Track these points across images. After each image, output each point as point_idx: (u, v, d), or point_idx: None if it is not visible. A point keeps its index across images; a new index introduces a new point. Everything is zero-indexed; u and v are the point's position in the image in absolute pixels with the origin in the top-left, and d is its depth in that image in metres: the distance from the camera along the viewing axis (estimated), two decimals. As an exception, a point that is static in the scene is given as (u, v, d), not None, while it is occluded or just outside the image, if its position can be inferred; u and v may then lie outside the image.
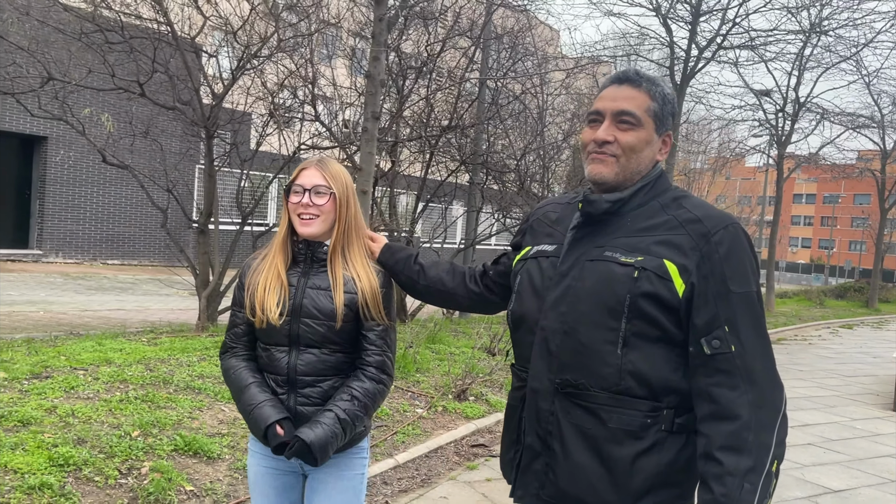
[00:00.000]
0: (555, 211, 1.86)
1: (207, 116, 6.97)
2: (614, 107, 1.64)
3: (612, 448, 1.57)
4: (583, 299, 1.61)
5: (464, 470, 4.88)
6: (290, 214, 2.07)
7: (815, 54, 16.46)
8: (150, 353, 5.80)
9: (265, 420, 1.98)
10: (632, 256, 1.58)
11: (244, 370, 2.10)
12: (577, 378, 1.59)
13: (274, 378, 2.07)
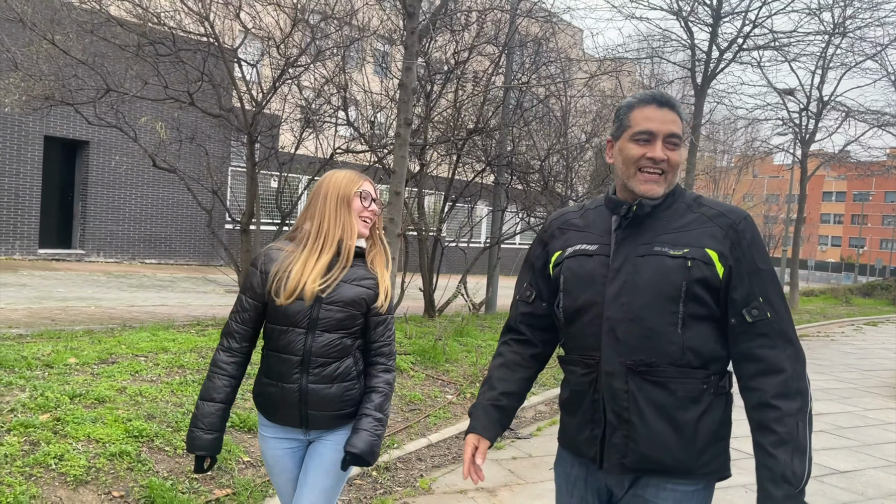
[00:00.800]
0: (576, 218, 2.09)
1: (250, 123, 7.45)
2: (666, 129, 1.89)
3: (681, 414, 1.85)
4: (642, 290, 1.86)
5: (492, 450, 5.28)
6: (352, 214, 2.36)
7: (839, 54, 16.59)
8: (200, 342, 6.28)
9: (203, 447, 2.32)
10: (679, 249, 1.86)
11: (224, 377, 2.34)
12: (648, 358, 1.85)
13: (287, 358, 2.27)
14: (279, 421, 2.35)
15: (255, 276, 2.32)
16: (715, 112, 19.11)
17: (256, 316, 2.34)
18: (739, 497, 4.65)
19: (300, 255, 2.31)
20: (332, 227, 2.32)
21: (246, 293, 2.33)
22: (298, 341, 2.26)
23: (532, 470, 4.89)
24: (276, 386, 2.30)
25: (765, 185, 63.71)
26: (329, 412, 2.32)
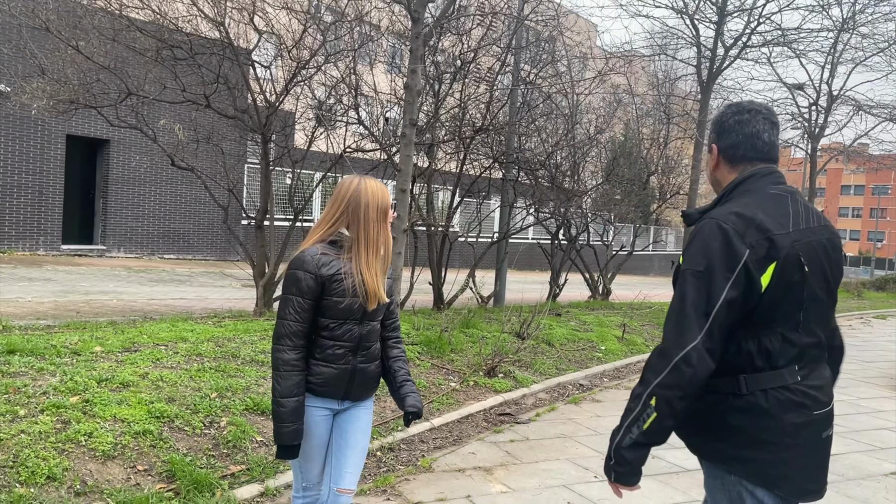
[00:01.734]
0: None
1: (264, 123, 7.79)
2: None
3: None
4: None
5: (491, 433, 5.58)
6: (386, 226, 2.73)
7: (849, 48, 16.66)
8: (217, 333, 6.63)
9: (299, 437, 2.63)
10: None
11: (298, 373, 2.61)
12: None
13: (343, 345, 2.66)
14: (323, 395, 2.70)
15: (310, 280, 2.58)
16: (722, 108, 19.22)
17: (312, 314, 2.64)
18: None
19: (363, 261, 2.65)
20: (378, 238, 2.69)
21: (303, 295, 2.58)
22: (354, 330, 2.67)
23: (528, 452, 5.18)
24: (331, 367, 2.67)
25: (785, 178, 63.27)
26: (367, 386, 2.79)
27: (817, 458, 2.01)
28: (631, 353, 9.28)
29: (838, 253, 2.12)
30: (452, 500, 4.18)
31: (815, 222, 2.07)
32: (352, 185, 2.70)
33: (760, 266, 1.94)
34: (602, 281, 15.00)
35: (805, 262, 1.99)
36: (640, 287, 19.72)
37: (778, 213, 2.02)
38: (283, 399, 2.58)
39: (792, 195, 2.07)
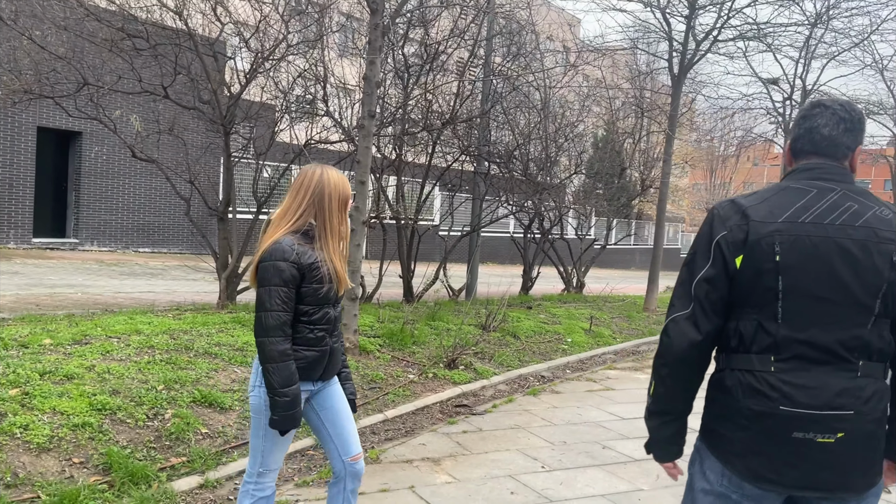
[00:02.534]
0: None
1: (224, 115, 7.72)
2: None
3: None
4: None
5: (444, 425, 5.58)
6: (345, 215, 2.87)
7: (822, 43, 16.74)
8: (174, 325, 6.57)
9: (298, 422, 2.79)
10: None
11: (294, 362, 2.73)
12: None
13: (321, 328, 2.79)
14: (304, 378, 2.79)
15: (293, 269, 2.67)
16: (702, 102, 19.30)
17: (295, 300, 2.74)
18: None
19: (329, 250, 2.78)
20: (341, 227, 2.83)
21: (287, 285, 2.67)
22: (330, 313, 2.83)
23: (479, 442, 5.19)
24: (313, 350, 2.79)
25: (765, 173, 63.79)
26: (338, 364, 2.96)
27: (783, 452, 1.97)
28: (597, 346, 9.31)
29: (871, 256, 1.96)
30: (395, 490, 4.17)
31: (842, 219, 1.98)
32: (314, 175, 2.78)
33: (735, 249, 2.00)
34: (576, 274, 15.03)
35: (780, 252, 1.98)
36: (620, 281, 19.80)
37: (779, 204, 2.03)
38: (285, 389, 2.66)
39: (821, 191, 2.02)
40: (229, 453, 4.36)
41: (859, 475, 1.97)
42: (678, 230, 43.09)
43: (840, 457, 1.93)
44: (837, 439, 1.93)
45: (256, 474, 2.84)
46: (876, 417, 1.96)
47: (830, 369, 1.95)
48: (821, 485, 1.98)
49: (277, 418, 2.67)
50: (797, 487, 2.00)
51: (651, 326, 11.44)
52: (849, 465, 1.94)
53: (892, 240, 1.97)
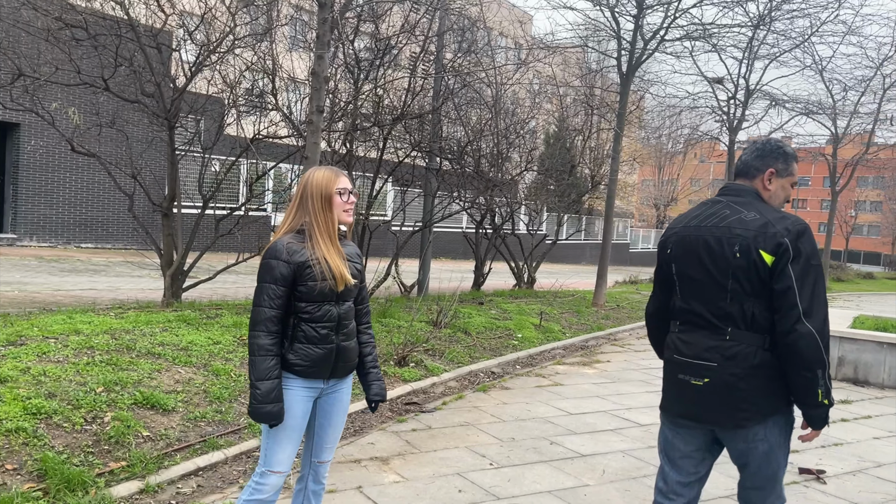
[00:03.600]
0: None
1: (168, 109, 7.53)
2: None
3: None
4: None
5: (394, 423, 5.56)
6: (335, 209, 2.86)
7: (764, 44, 17.21)
8: (116, 324, 6.40)
9: (278, 417, 2.76)
10: None
11: (274, 357, 2.76)
12: None
13: (325, 325, 2.81)
14: (311, 376, 2.84)
15: (283, 268, 2.74)
16: (650, 100, 19.65)
17: (286, 300, 2.78)
18: (615, 461, 5.02)
19: (321, 247, 2.80)
20: (324, 223, 2.85)
21: (277, 283, 2.74)
22: (332, 311, 2.83)
23: (428, 440, 5.18)
24: (317, 348, 2.82)
25: (711, 170, 65.29)
26: (350, 362, 2.96)
27: (675, 390, 2.76)
28: (547, 341, 9.40)
29: (722, 247, 2.62)
30: (343, 491, 4.14)
31: (712, 222, 2.70)
32: (304, 178, 2.91)
33: (660, 248, 2.87)
34: (527, 269, 15.15)
35: (670, 247, 2.81)
36: (571, 276, 20.05)
37: (689, 214, 2.84)
38: (258, 382, 2.72)
39: (713, 203, 2.78)
40: (172, 457, 4.26)
41: (723, 413, 2.60)
42: (627, 226, 43.80)
43: (706, 396, 2.61)
44: (705, 383, 2.62)
45: (260, 473, 2.88)
46: (736, 372, 2.55)
47: (707, 332, 2.64)
48: (692, 416, 2.70)
49: (251, 410, 2.74)
50: (679, 416, 2.75)
51: (600, 321, 11.62)
52: (713, 404, 2.60)
53: (741, 235, 2.58)
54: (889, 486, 4.83)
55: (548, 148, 18.42)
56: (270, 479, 2.86)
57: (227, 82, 8.56)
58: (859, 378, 8.38)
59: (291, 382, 2.83)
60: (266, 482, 2.86)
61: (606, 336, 10.68)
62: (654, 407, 6.62)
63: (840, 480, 4.89)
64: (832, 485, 4.76)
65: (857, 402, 7.43)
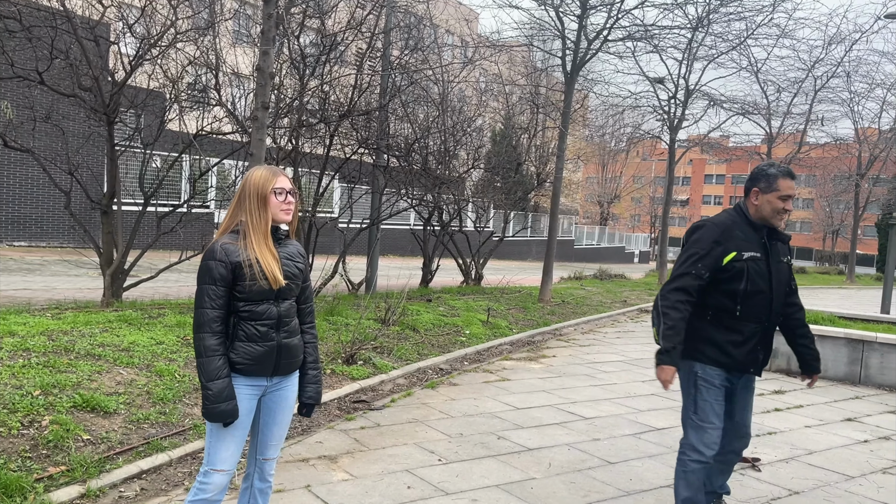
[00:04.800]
0: (739, 233, 3.53)
1: (107, 103, 7.33)
2: (794, 193, 3.50)
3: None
4: (782, 284, 3.63)
5: (342, 421, 5.55)
6: (271, 208, 2.85)
7: (703, 46, 17.72)
8: (53, 325, 6.21)
9: (233, 414, 2.78)
10: (785, 258, 3.67)
11: (221, 356, 2.77)
12: (779, 318, 3.72)
13: (265, 323, 2.83)
14: (254, 374, 2.86)
15: (221, 268, 2.77)
16: (594, 99, 20.00)
17: (227, 300, 2.81)
18: (561, 454, 5.13)
19: (254, 246, 2.81)
20: (258, 222, 2.86)
21: (216, 283, 2.77)
22: (272, 309, 2.85)
23: (377, 438, 5.19)
24: (257, 345, 2.83)
25: (653, 167, 66.85)
26: (294, 359, 2.97)
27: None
28: (494, 337, 9.51)
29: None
30: (291, 490, 4.12)
31: None
32: (244, 176, 2.93)
33: None
34: (474, 266, 15.26)
35: None
36: (517, 272, 20.29)
37: None
38: (209, 382, 2.74)
39: None
40: (114, 460, 4.16)
41: None
42: (572, 222, 44.47)
43: None
44: None
45: (204, 472, 2.87)
46: None
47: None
48: None
49: (205, 411, 2.76)
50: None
51: (546, 317, 11.80)
52: None
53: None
54: (819, 473, 5.06)
55: (494, 146, 18.56)
56: (214, 477, 2.85)
57: (169, 77, 8.37)
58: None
59: (234, 381, 2.84)
60: (210, 481, 2.85)
61: (552, 331, 10.85)
62: (599, 400, 6.79)
63: (774, 468, 5.10)
64: (766, 472, 4.96)
65: (790, 392, 7.74)
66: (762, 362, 3.64)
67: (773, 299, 3.54)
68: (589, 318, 12.51)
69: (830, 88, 24.45)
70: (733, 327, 3.53)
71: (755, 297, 3.50)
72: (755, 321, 3.54)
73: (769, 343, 3.64)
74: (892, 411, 7.12)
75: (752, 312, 3.52)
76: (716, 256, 3.48)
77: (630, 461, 5.06)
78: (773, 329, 3.64)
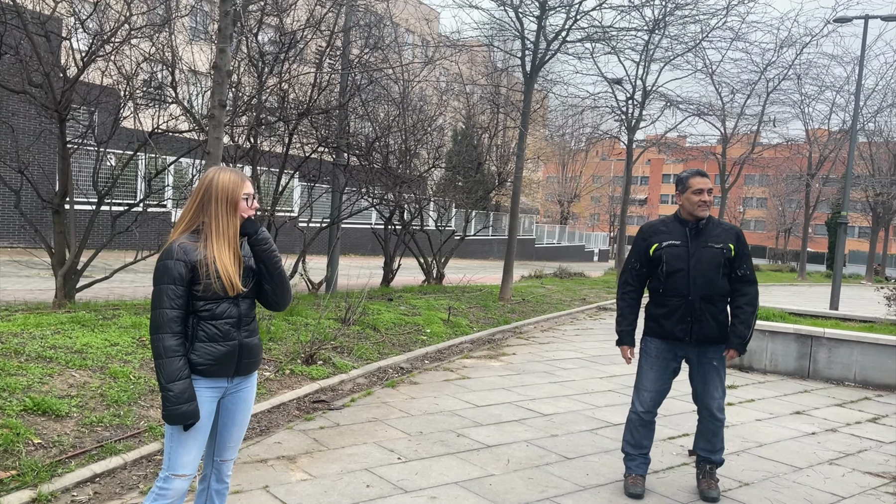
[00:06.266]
0: (663, 228, 4.38)
1: (59, 100, 7.17)
2: (708, 187, 4.26)
3: (720, 316, 4.28)
4: (705, 263, 4.22)
5: (301, 421, 5.53)
6: (238, 214, 2.87)
7: (660, 48, 18.04)
8: (2, 328, 6.05)
9: (194, 416, 2.75)
10: (718, 244, 4.25)
11: (181, 357, 2.75)
12: (709, 293, 4.22)
13: (226, 322, 2.81)
14: (215, 374, 2.83)
15: (180, 267, 2.74)
16: (554, 99, 20.21)
17: (186, 300, 2.78)
18: (520, 450, 5.19)
19: (214, 248, 2.79)
20: (228, 229, 2.85)
21: (175, 283, 2.73)
22: (232, 309, 2.83)
23: (336, 437, 5.19)
24: (218, 345, 2.81)
25: (612, 167, 67.71)
26: (254, 359, 2.98)
27: None
28: (455, 335, 9.55)
29: None
30: (249, 491, 4.10)
31: None
32: (206, 178, 2.87)
33: None
34: (436, 265, 15.30)
35: None
36: (479, 271, 20.37)
37: None
38: (169, 384, 2.70)
39: None
40: (66, 464, 4.09)
41: None
42: (533, 221, 44.81)
43: None
44: None
45: (164, 478, 2.83)
46: None
47: None
48: None
49: (166, 413, 2.72)
50: None
51: (506, 315, 11.89)
52: None
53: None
54: (769, 465, 5.22)
55: (455, 145, 18.64)
56: (175, 483, 2.81)
57: (123, 73, 8.22)
58: (744, 364, 8.95)
59: (195, 383, 2.80)
60: (170, 487, 2.81)
61: (512, 329, 10.95)
62: (557, 397, 6.88)
63: (726, 460, 5.23)
64: (718, 464, 5.09)
65: (742, 386, 7.95)
66: (694, 332, 4.24)
67: (693, 277, 4.21)
68: (549, 316, 12.64)
69: (782, 90, 25.16)
70: (662, 302, 4.32)
71: (674, 275, 4.24)
72: (678, 296, 4.24)
73: (699, 316, 4.22)
74: (838, 404, 7.36)
75: (674, 288, 4.25)
76: (643, 249, 4.39)
77: (587, 456, 5.15)
78: (700, 303, 4.21)
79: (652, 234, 4.39)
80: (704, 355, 4.34)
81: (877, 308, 14.57)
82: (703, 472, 4.57)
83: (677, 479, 4.79)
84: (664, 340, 4.34)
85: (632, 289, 4.42)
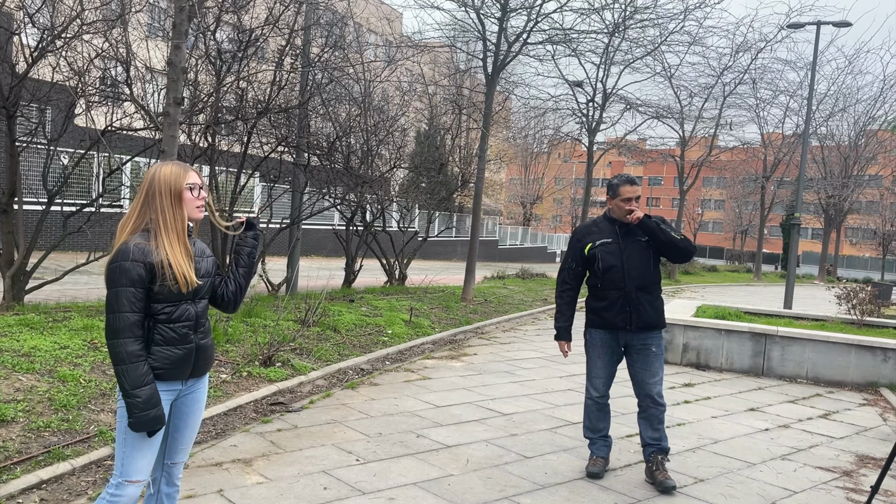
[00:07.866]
0: (595, 229, 4.72)
1: (7, 97, 6.96)
2: (636, 195, 4.54)
3: (656, 303, 4.63)
4: (636, 257, 4.57)
5: (258, 424, 5.45)
6: (185, 206, 2.76)
7: (620, 51, 18.26)
8: (-55, 331, 5.85)
9: (161, 421, 2.69)
10: (645, 237, 4.56)
11: (144, 362, 2.66)
12: (644, 283, 4.56)
13: (183, 325, 2.75)
14: (171, 378, 2.76)
15: (139, 268, 2.64)
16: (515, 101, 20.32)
17: (145, 302, 2.69)
18: (479, 450, 5.19)
19: (166, 246, 2.70)
20: (176, 222, 2.75)
21: (134, 286, 2.63)
22: (190, 310, 2.78)
23: (294, 440, 5.12)
24: (175, 349, 2.74)
25: (574, 169, 68.37)
26: (208, 361, 2.93)
27: None
28: (416, 336, 9.52)
29: None
30: (202, 496, 4.01)
31: None
32: (149, 173, 2.79)
33: None
34: (398, 266, 15.25)
35: None
36: (441, 272, 20.35)
37: None
38: (135, 390, 2.62)
39: None
40: (11, 470, 3.96)
41: None
42: (496, 223, 45.02)
43: None
44: None
45: (116, 484, 2.73)
46: None
47: None
48: None
49: (133, 421, 2.64)
50: None
51: (468, 316, 11.90)
52: None
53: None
54: (723, 461, 5.30)
55: (418, 146, 18.60)
56: (128, 489, 2.73)
57: (76, 70, 8.01)
58: (701, 363, 9.10)
59: (161, 386, 2.75)
60: (123, 493, 2.72)
61: (474, 330, 10.96)
62: (517, 396, 6.91)
63: (681, 457, 5.31)
64: (674, 462, 5.15)
65: (699, 384, 8.08)
66: (633, 320, 4.55)
67: (627, 270, 4.54)
68: (510, 317, 12.69)
69: (738, 94, 25.69)
70: (601, 296, 4.64)
71: (610, 270, 4.57)
72: (615, 289, 4.57)
73: (636, 305, 4.54)
74: (791, 401, 7.52)
75: (611, 282, 4.57)
76: (578, 250, 4.71)
77: (546, 455, 5.17)
78: (636, 293, 4.54)
79: (585, 235, 4.73)
80: (644, 341, 4.61)
81: (829, 307, 14.96)
82: (656, 463, 4.67)
83: (635, 476, 4.84)
84: (607, 330, 4.65)
85: (569, 287, 4.76)
